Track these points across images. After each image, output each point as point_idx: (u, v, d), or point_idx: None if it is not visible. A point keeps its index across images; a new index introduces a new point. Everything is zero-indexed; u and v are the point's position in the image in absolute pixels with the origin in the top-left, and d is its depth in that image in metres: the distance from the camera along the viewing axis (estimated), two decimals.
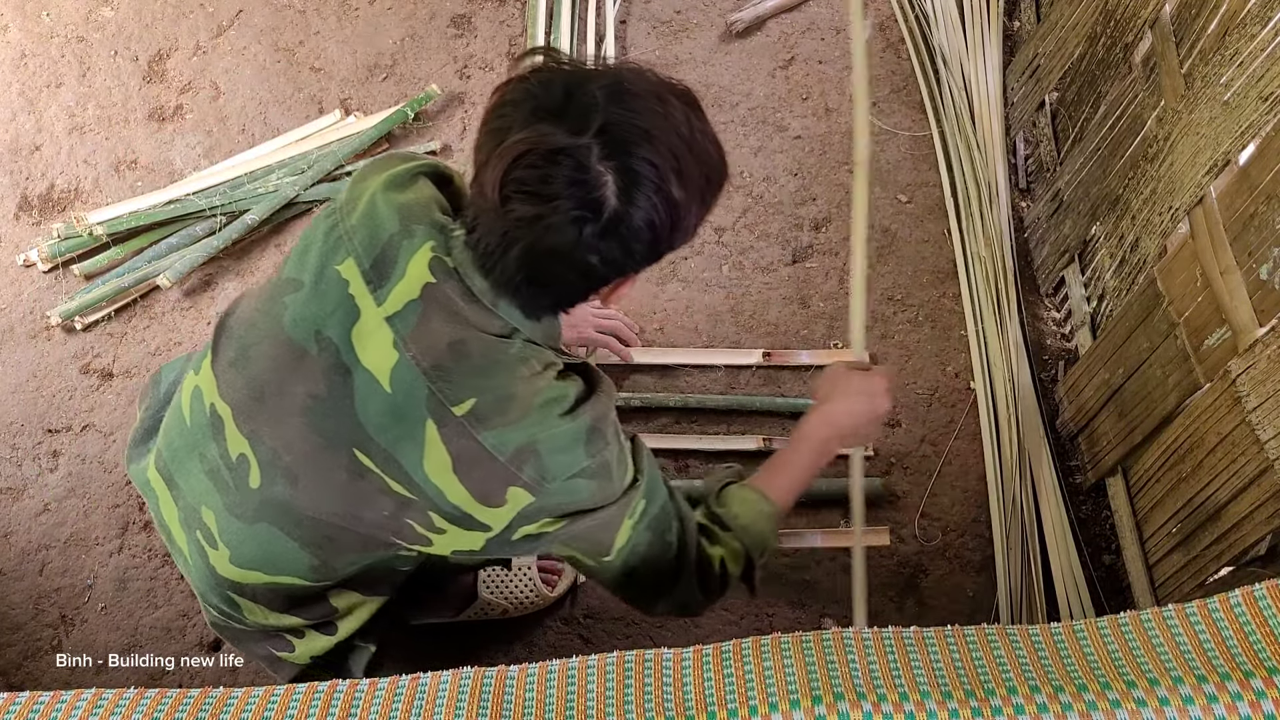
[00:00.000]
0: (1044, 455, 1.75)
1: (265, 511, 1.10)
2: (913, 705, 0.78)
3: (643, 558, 1.13)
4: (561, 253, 0.95)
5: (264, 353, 1.06)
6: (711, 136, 1.02)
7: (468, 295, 1.01)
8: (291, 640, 1.23)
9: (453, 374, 0.99)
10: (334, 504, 1.06)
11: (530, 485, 1.02)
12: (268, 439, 1.07)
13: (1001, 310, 1.88)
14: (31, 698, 0.84)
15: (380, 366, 1.00)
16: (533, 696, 0.84)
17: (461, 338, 1.00)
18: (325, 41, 2.17)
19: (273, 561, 1.13)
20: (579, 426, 1.02)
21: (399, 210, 1.03)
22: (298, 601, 1.18)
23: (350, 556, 1.12)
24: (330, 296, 1.03)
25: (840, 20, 2.25)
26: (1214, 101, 1.43)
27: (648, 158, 0.94)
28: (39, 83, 2.10)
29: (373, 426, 1.02)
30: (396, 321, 1.00)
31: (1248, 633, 0.82)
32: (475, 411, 0.99)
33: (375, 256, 1.02)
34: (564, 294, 1.02)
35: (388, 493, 1.04)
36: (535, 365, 1.02)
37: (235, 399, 1.08)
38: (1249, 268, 1.32)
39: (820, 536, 1.66)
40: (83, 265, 1.88)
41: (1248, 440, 1.31)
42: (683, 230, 1.01)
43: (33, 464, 1.74)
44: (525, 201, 0.93)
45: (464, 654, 1.59)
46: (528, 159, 0.92)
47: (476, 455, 1.00)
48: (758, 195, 2.03)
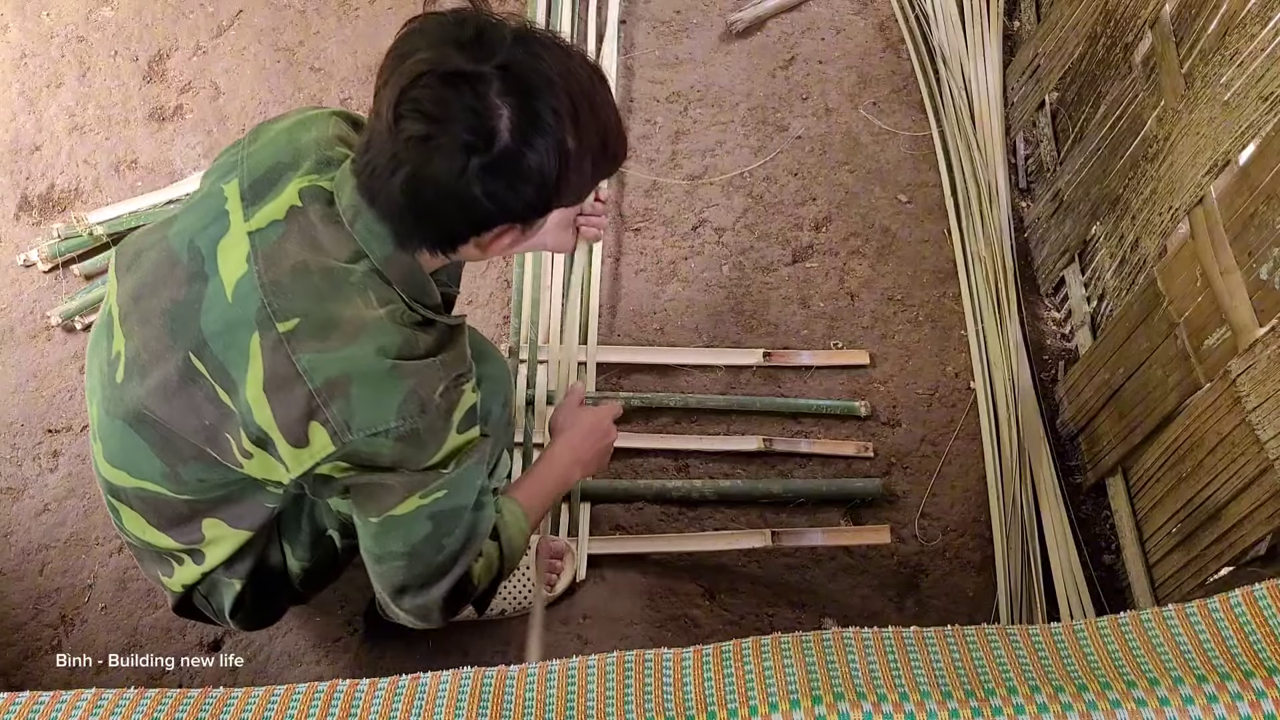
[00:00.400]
0: (1044, 455, 1.75)
1: (121, 408, 1.13)
2: (913, 705, 0.78)
3: (411, 545, 1.09)
4: (445, 181, 0.94)
5: (149, 259, 1.11)
6: (613, 107, 1.03)
7: (330, 217, 1.03)
8: (172, 565, 1.26)
9: (287, 291, 1.01)
10: (164, 405, 1.08)
11: (334, 429, 1.00)
12: (135, 337, 1.10)
13: (1001, 310, 1.88)
14: (31, 698, 0.84)
15: (230, 277, 1.03)
16: (533, 696, 0.84)
17: (306, 260, 1.01)
18: (325, 41, 2.17)
19: (132, 462, 1.15)
20: (398, 384, 1.00)
21: (295, 144, 1.08)
22: (168, 519, 1.20)
23: (195, 468, 1.12)
24: (209, 211, 1.07)
25: (840, 20, 2.25)
26: (1214, 101, 1.43)
27: (548, 102, 0.94)
28: (39, 83, 2.10)
29: (210, 333, 1.04)
30: (256, 238, 1.03)
31: (1248, 633, 0.82)
32: (297, 330, 1.00)
33: (257, 178, 1.06)
34: (442, 228, 0.99)
35: (213, 401, 1.05)
36: (372, 299, 1.02)
37: (122, 300, 1.12)
38: (1249, 268, 1.32)
39: (821, 534, 1.66)
40: (83, 265, 1.88)
41: (1248, 440, 1.31)
42: (570, 187, 1.00)
43: (33, 464, 1.74)
44: (417, 121, 0.93)
45: (464, 654, 1.59)
46: (426, 79, 0.93)
47: (288, 376, 1.00)
48: (758, 195, 2.03)
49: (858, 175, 2.06)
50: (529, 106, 0.94)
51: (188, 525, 1.20)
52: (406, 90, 0.94)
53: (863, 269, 1.96)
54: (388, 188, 0.97)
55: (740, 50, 2.20)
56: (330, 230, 1.03)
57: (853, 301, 1.93)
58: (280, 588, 1.32)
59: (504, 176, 0.95)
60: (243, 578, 1.27)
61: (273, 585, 1.31)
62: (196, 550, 1.23)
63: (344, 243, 1.03)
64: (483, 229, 1.01)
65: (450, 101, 0.93)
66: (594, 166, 1.03)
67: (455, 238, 1.01)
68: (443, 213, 0.97)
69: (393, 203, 0.98)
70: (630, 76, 2.15)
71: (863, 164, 2.07)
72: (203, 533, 1.21)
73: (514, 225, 1.02)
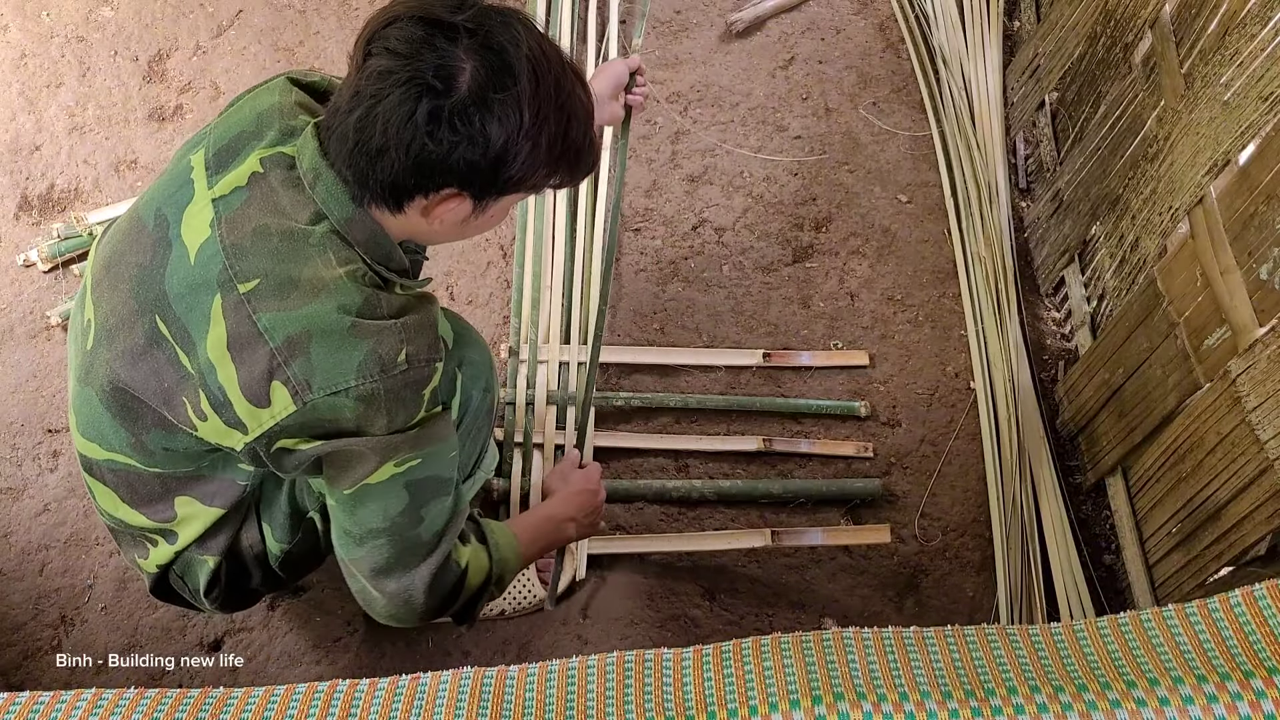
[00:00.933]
0: (1044, 455, 1.75)
1: (90, 375, 1.14)
2: (913, 705, 0.78)
3: (389, 519, 1.08)
4: (393, 120, 0.95)
5: (120, 228, 1.14)
6: (583, 104, 1.05)
7: (290, 181, 1.04)
8: (148, 547, 1.26)
9: (248, 253, 1.02)
10: (128, 369, 1.09)
11: (294, 387, 1.00)
12: (104, 304, 1.11)
13: (1001, 310, 1.88)
14: (31, 698, 0.84)
15: (194, 241, 1.04)
16: (533, 696, 0.84)
17: (267, 224, 1.02)
18: (325, 41, 2.17)
19: (100, 434, 1.16)
20: (358, 344, 1.00)
21: (258, 113, 1.09)
22: (141, 495, 1.20)
23: (157, 437, 1.12)
24: (176, 179, 1.09)
25: (840, 20, 2.25)
26: (1214, 101, 1.43)
27: (512, 69, 0.96)
28: (39, 83, 2.10)
29: (173, 295, 1.05)
30: (220, 204, 1.04)
31: (1248, 633, 0.82)
32: (257, 290, 1.01)
33: (221, 147, 1.08)
34: (386, 173, 0.98)
35: (174, 364, 1.06)
36: (332, 259, 1.02)
37: (95, 270, 1.15)
38: (1249, 268, 1.32)
39: (821, 534, 1.66)
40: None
41: (1248, 440, 1.31)
42: (521, 166, 1.00)
43: (33, 464, 1.74)
44: (383, 57, 0.95)
45: (464, 654, 1.59)
46: (400, 21, 0.96)
47: (250, 336, 1.01)
48: (758, 195, 2.03)
49: (858, 175, 2.06)
50: (492, 65, 0.96)
51: (160, 503, 1.21)
52: (379, 30, 0.97)
53: (863, 269, 1.96)
54: (342, 126, 0.98)
55: (740, 50, 2.20)
56: (290, 194, 1.04)
57: (853, 301, 1.93)
58: (255, 568, 1.32)
59: (451, 127, 0.95)
60: (216, 555, 1.27)
61: (247, 564, 1.31)
62: (169, 530, 1.24)
63: (304, 205, 1.04)
64: (427, 184, 1.00)
65: (419, 42, 0.95)
66: (550, 154, 1.02)
67: (400, 189, 1.00)
68: (388, 156, 0.97)
69: (344, 142, 0.99)
70: None
71: (863, 164, 2.07)
72: (175, 510, 1.22)
73: (461, 193, 1.02)
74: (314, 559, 1.35)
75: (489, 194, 1.03)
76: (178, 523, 1.23)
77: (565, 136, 1.03)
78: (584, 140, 1.07)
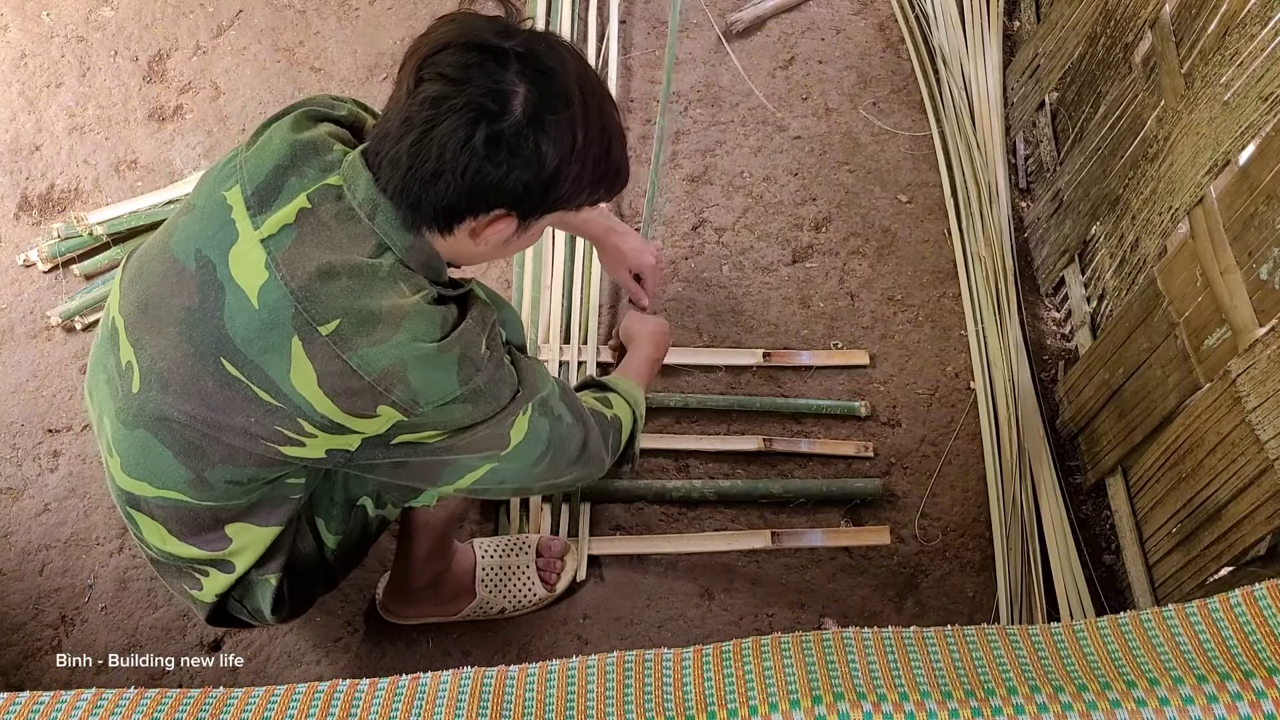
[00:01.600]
0: (1044, 455, 1.75)
1: (142, 417, 1.12)
2: (913, 705, 0.78)
3: (545, 440, 1.19)
4: (450, 144, 0.97)
5: (153, 269, 1.11)
6: (619, 124, 1.10)
7: (344, 214, 1.04)
8: (199, 579, 1.26)
9: (319, 295, 1.02)
10: (201, 410, 1.08)
11: (402, 407, 1.04)
12: (148, 347, 1.10)
13: (1001, 310, 1.88)
14: (31, 698, 0.84)
15: (250, 285, 1.03)
16: (533, 696, 0.84)
17: (330, 261, 1.02)
18: (325, 41, 2.17)
19: (153, 471, 1.15)
20: (450, 356, 1.04)
21: (293, 146, 1.07)
22: (191, 527, 1.19)
23: (222, 471, 1.12)
24: (214, 219, 1.07)
25: (840, 20, 2.25)
26: (1214, 101, 1.43)
27: (562, 91, 1.00)
28: (39, 83, 2.10)
29: (240, 339, 1.04)
30: (270, 244, 1.03)
31: (1248, 633, 0.82)
32: (340, 331, 1.01)
33: (259, 184, 1.06)
34: (441, 197, 1.01)
35: (254, 400, 1.06)
36: (404, 289, 1.04)
37: (127, 311, 1.13)
38: (1249, 268, 1.32)
39: (821, 535, 1.66)
40: (83, 265, 1.87)
41: (1248, 440, 1.31)
42: (570, 184, 1.04)
43: (33, 464, 1.74)
44: (436, 83, 0.98)
45: (464, 654, 1.59)
46: (451, 48, 0.98)
47: (343, 373, 1.02)
48: (758, 195, 2.03)
49: (858, 175, 2.06)
50: (545, 89, 0.99)
51: (211, 533, 1.20)
52: (429, 56, 0.99)
53: (863, 269, 1.96)
54: (394, 152, 1.00)
55: (740, 50, 2.20)
56: (347, 226, 1.04)
57: (853, 301, 1.93)
58: (315, 573, 1.33)
59: (508, 150, 0.98)
60: (278, 572, 1.27)
61: (308, 572, 1.32)
62: (223, 560, 1.23)
63: (364, 237, 1.04)
64: (479, 206, 1.02)
65: (472, 67, 0.98)
66: (595, 172, 1.06)
67: (453, 212, 1.03)
68: (443, 179, 0.99)
69: (396, 168, 1.00)
70: (630, 76, 2.15)
71: (863, 164, 2.07)
72: (228, 538, 1.21)
73: (510, 214, 1.04)
74: (362, 548, 1.37)
75: (535, 213, 1.07)
76: (232, 551, 1.22)
77: (608, 155, 1.07)
78: (623, 159, 1.12)
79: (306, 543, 1.31)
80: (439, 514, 1.39)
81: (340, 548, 1.33)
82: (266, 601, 1.27)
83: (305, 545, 1.31)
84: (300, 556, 1.31)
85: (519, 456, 1.19)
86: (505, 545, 1.61)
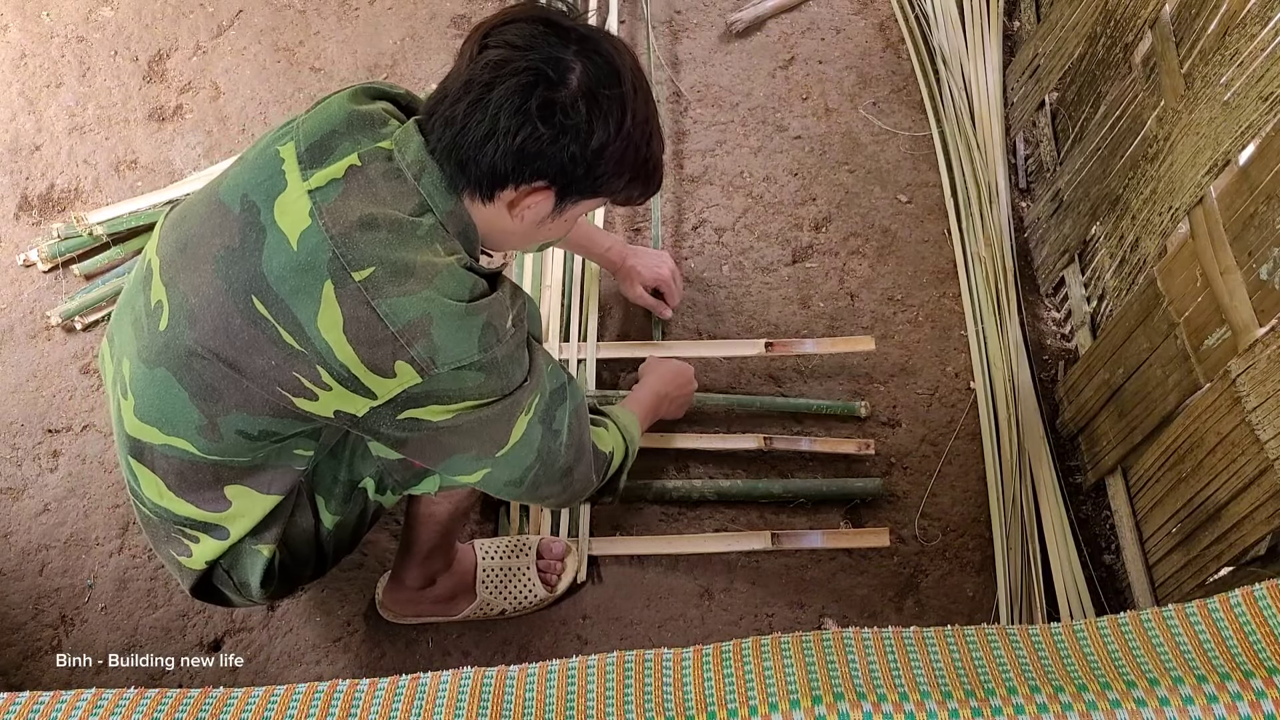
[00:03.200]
0: (1044, 455, 1.75)
1: (165, 355, 1.13)
2: (913, 705, 0.78)
3: (537, 450, 1.20)
4: (506, 105, 1.01)
5: (197, 212, 1.13)
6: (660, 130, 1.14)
7: (391, 173, 1.07)
8: (188, 544, 1.25)
9: (358, 242, 1.04)
10: (225, 346, 1.09)
11: (419, 365, 1.05)
12: (182, 285, 1.11)
13: (1001, 310, 1.88)
14: (31, 698, 0.84)
15: (293, 229, 1.05)
16: (533, 696, 0.84)
17: (372, 213, 1.05)
18: (325, 41, 2.17)
19: (166, 415, 1.15)
20: (475, 320, 1.06)
21: (350, 115, 1.11)
22: (191, 483, 1.19)
23: (235, 419, 1.12)
24: (265, 169, 1.10)
25: (840, 20, 2.25)
26: (1214, 101, 1.43)
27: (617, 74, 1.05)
28: (39, 83, 2.10)
29: (274, 278, 1.06)
30: (317, 195, 1.06)
31: (1248, 633, 0.82)
32: (373, 278, 1.03)
33: (313, 142, 1.09)
34: (488, 160, 1.04)
35: (278, 343, 1.07)
36: (439, 249, 1.07)
37: (165, 252, 1.14)
38: (1249, 268, 1.32)
39: (820, 536, 1.66)
40: (83, 265, 1.88)
41: (1248, 440, 1.31)
42: (612, 169, 1.08)
43: (33, 464, 1.74)
44: (500, 49, 1.03)
45: (464, 654, 1.59)
46: (520, 22, 1.04)
47: (369, 320, 1.04)
48: (758, 195, 2.03)
49: (858, 175, 2.06)
50: (601, 67, 1.04)
51: (210, 491, 1.20)
52: (496, 26, 1.04)
53: (863, 269, 1.96)
54: (451, 111, 1.04)
55: (740, 50, 2.20)
56: (392, 184, 1.07)
57: (853, 301, 1.93)
58: (309, 552, 1.33)
59: (564, 114, 1.02)
60: (272, 544, 1.27)
61: (301, 550, 1.32)
62: (217, 524, 1.23)
63: (407, 196, 1.07)
64: (523, 173, 1.05)
65: (536, 37, 1.02)
66: (635, 160, 1.10)
67: (497, 175, 1.05)
68: (495, 140, 1.03)
69: (451, 126, 1.04)
70: None
71: (863, 164, 2.07)
72: (227, 499, 1.21)
73: (550, 188, 1.08)
74: (356, 534, 1.37)
75: (573, 193, 1.10)
76: (229, 515, 1.22)
77: (649, 146, 1.11)
78: (660, 157, 1.15)
79: (305, 517, 1.31)
80: (444, 507, 1.39)
81: (337, 529, 1.33)
82: (256, 574, 1.27)
83: (304, 520, 1.31)
84: (297, 531, 1.30)
85: (509, 463, 1.19)
86: (506, 546, 1.61)
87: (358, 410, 1.10)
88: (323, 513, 1.31)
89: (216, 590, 1.32)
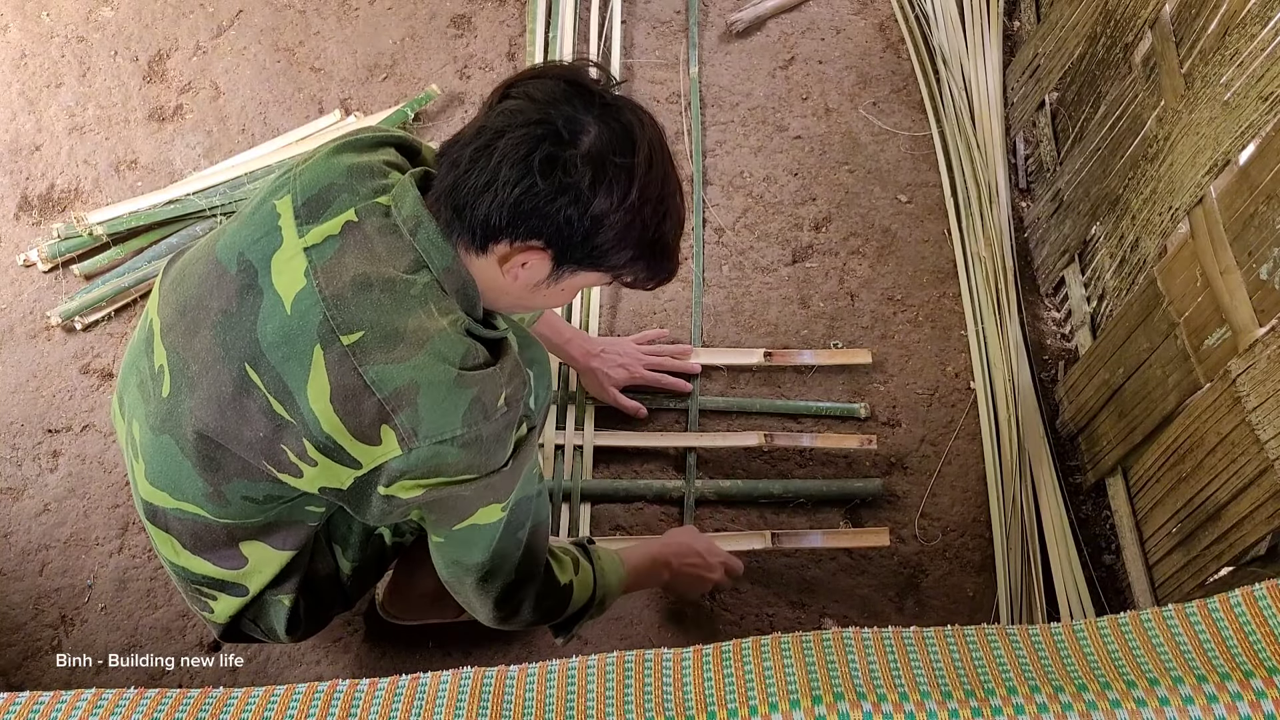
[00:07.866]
0: (1044, 455, 1.75)
1: (169, 422, 1.12)
2: (913, 705, 0.78)
3: (492, 549, 1.15)
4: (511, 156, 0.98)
5: (196, 272, 1.11)
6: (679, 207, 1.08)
7: (387, 229, 1.04)
8: (209, 602, 1.25)
9: (350, 304, 1.02)
10: (217, 418, 1.08)
11: (401, 434, 1.01)
12: (181, 350, 1.10)
13: (1001, 310, 1.88)
14: (31, 698, 0.84)
15: (288, 290, 1.04)
16: (533, 696, 0.84)
17: (366, 273, 1.02)
18: (325, 41, 2.17)
19: (174, 482, 1.14)
20: (463, 393, 1.01)
21: (349, 168, 1.08)
22: (205, 542, 1.18)
23: (238, 486, 1.11)
24: (260, 225, 1.08)
25: (840, 20, 2.25)
26: (1214, 101, 1.43)
27: (631, 145, 1.01)
28: (39, 83, 2.10)
29: (267, 344, 1.04)
30: (313, 253, 1.04)
31: (1248, 633, 0.82)
32: (361, 343, 1.01)
33: (310, 197, 1.07)
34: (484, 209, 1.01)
35: (267, 413, 1.05)
36: (434, 310, 1.03)
37: (166, 314, 1.13)
38: (1249, 268, 1.32)
39: (820, 536, 1.66)
40: (83, 265, 1.87)
41: (1248, 440, 1.31)
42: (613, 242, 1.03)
43: (33, 464, 1.74)
44: (519, 99, 1.01)
45: (464, 654, 1.59)
46: (547, 78, 1.02)
47: (355, 388, 1.01)
48: (758, 195, 2.03)
49: (858, 175, 2.06)
50: (616, 135, 1.00)
51: (226, 550, 1.19)
52: (523, 79, 1.03)
53: (863, 269, 1.96)
54: (458, 154, 1.02)
55: (740, 50, 2.20)
56: (388, 240, 1.04)
57: (853, 301, 1.93)
58: (333, 593, 1.32)
59: (565, 172, 0.99)
60: (292, 593, 1.26)
61: (324, 593, 1.31)
62: (235, 583, 1.22)
63: (403, 252, 1.04)
64: (518, 229, 1.01)
65: (557, 95, 1.00)
66: (641, 238, 1.04)
67: (490, 227, 1.01)
68: (493, 189, 0.99)
69: (455, 169, 1.01)
70: (630, 77, 2.15)
71: (863, 164, 2.07)
72: (243, 556, 1.20)
73: (546, 250, 1.03)
74: (379, 569, 1.37)
75: (570, 260, 1.05)
76: (246, 572, 1.21)
77: (659, 227, 1.05)
78: (673, 242, 1.10)
79: (325, 563, 1.30)
80: None
81: (356, 573, 1.32)
82: (281, 622, 1.27)
83: (324, 566, 1.30)
84: (318, 577, 1.30)
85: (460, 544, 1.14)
86: None
87: (343, 483, 1.07)
88: (340, 560, 1.30)
89: (246, 634, 1.32)
